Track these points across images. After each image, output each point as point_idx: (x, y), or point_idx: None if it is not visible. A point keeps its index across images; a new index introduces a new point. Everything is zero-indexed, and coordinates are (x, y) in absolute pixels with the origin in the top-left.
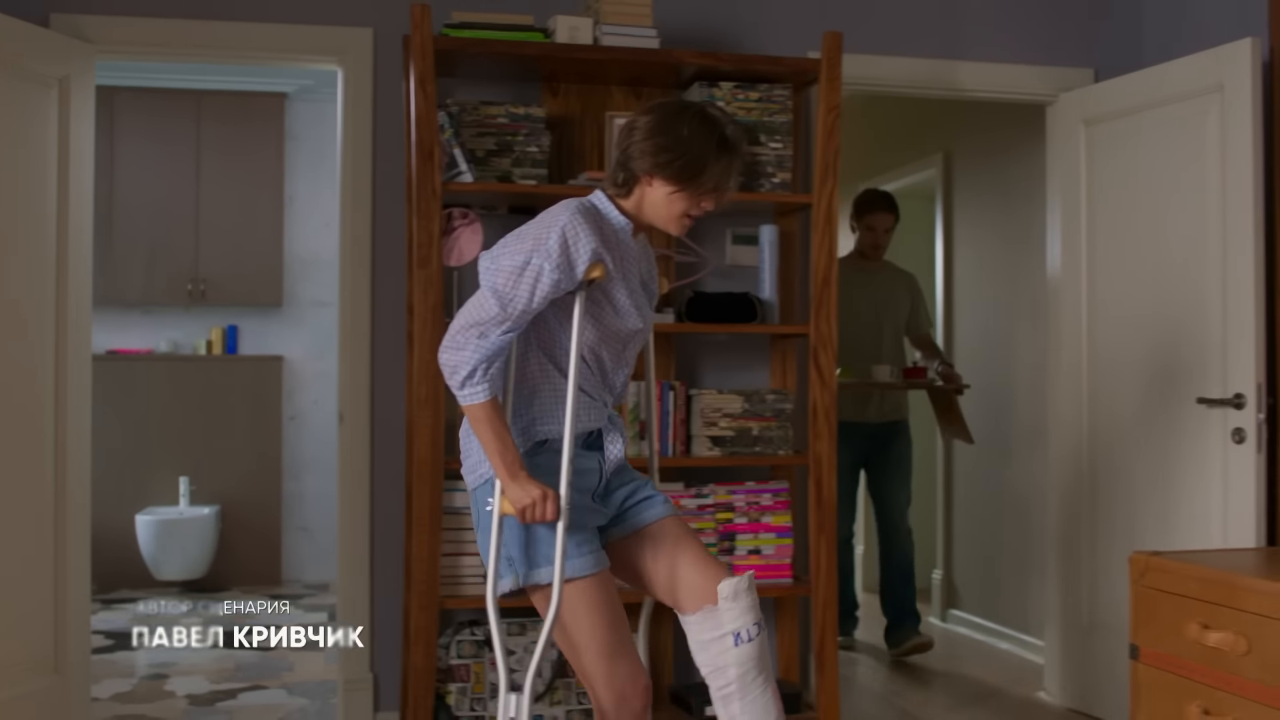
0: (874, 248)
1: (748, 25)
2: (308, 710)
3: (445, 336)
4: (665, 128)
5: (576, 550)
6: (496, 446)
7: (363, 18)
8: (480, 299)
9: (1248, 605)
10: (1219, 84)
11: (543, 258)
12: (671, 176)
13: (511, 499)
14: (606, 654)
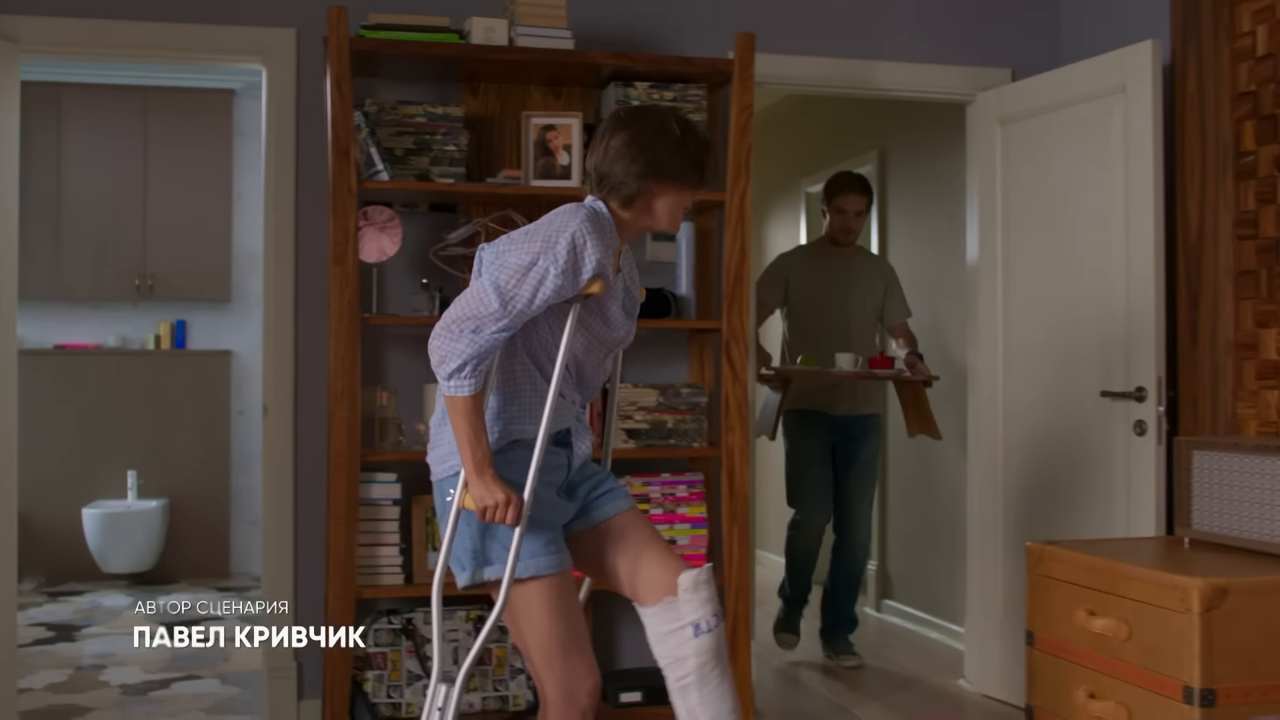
0: (844, 231)
1: (667, 26)
2: (238, 699)
3: (439, 324)
4: (661, 135)
5: (544, 549)
6: (470, 441)
7: (286, 18)
8: (480, 292)
9: (1129, 593)
10: (1122, 85)
11: (549, 261)
12: (679, 178)
13: (475, 496)
14: (560, 652)
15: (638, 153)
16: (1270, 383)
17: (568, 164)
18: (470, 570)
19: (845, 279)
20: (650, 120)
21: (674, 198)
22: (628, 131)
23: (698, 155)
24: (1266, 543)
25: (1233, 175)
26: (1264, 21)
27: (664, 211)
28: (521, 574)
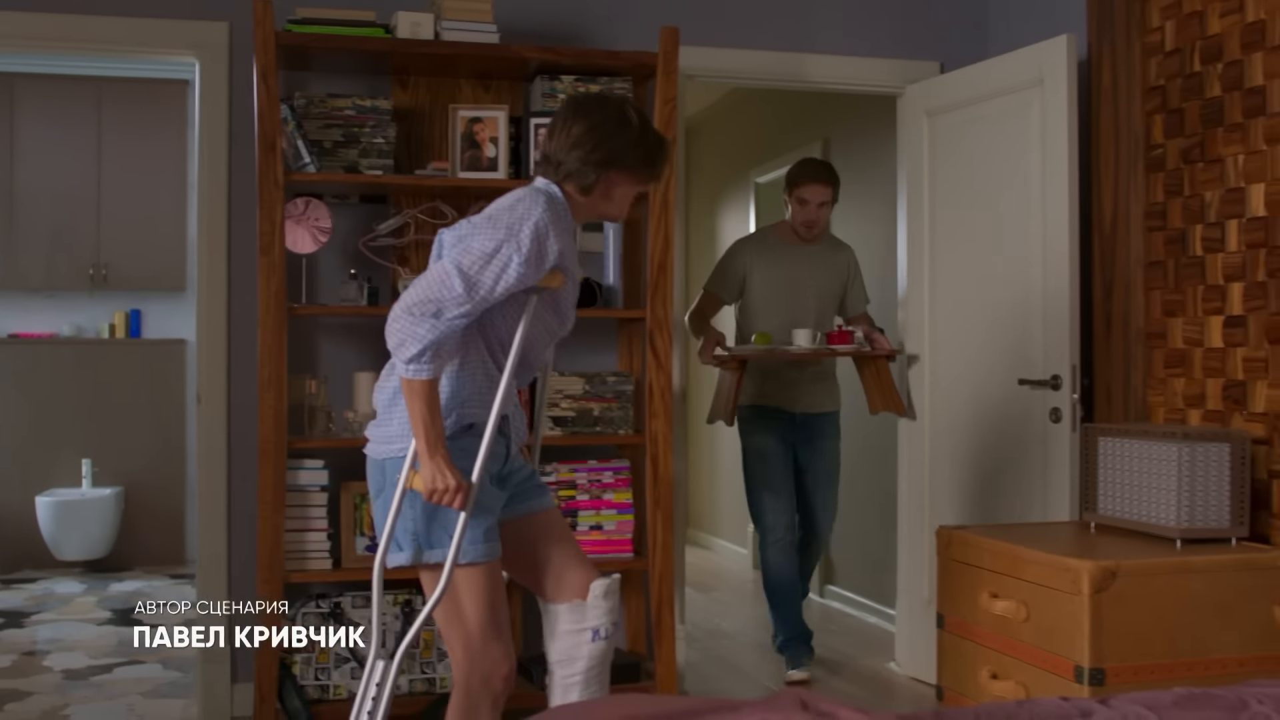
0: (807, 225)
1: (595, 19)
2: (176, 683)
3: (399, 304)
4: (622, 126)
5: (483, 537)
6: (425, 422)
7: (219, 12)
8: (443, 275)
9: (1027, 576)
10: (1039, 78)
11: (513, 249)
12: (636, 169)
13: (426, 478)
14: (480, 637)
15: (599, 142)
16: (1177, 370)
17: (494, 156)
18: (410, 551)
19: (807, 273)
20: (612, 110)
21: (630, 188)
22: (589, 120)
23: (656, 148)
24: (1160, 526)
25: (1143, 168)
26: (1172, 17)
27: (621, 200)
28: (462, 560)
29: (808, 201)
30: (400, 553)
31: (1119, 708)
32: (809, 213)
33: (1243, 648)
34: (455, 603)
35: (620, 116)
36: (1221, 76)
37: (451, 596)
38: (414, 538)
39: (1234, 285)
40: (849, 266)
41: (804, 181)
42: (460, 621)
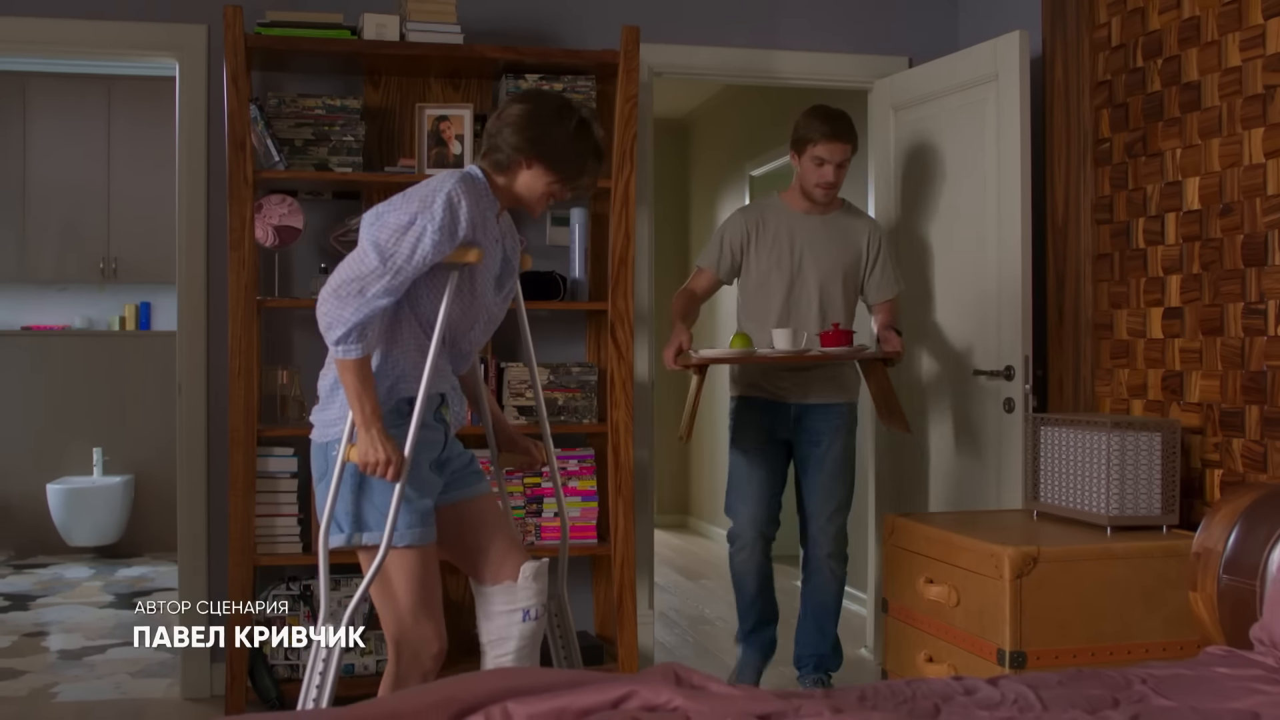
0: (824, 187)
1: (561, 18)
2: (165, 664)
3: (325, 288)
4: (550, 121)
5: (419, 521)
6: (358, 393)
7: (198, 15)
8: (361, 253)
9: (959, 561)
10: (995, 74)
11: (427, 219)
12: (551, 167)
13: (360, 450)
14: (411, 617)
15: (526, 126)
16: (1122, 361)
17: (460, 153)
18: (348, 533)
19: (818, 245)
20: (552, 103)
21: (545, 183)
22: (527, 105)
23: (586, 154)
24: (1092, 514)
25: (1092, 161)
26: (1118, 13)
27: (532, 192)
28: (397, 543)
29: (825, 161)
30: (339, 534)
31: (1005, 686)
32: (826, 174)
33: (1166, 633)
34: (388, 583)
35: (560, 112)
36: (1161, 71)
37: (384, 577)
38: (352, 520)
39: (1172, 277)
40: (871, 241)
41: (819, 138)
42: (392, 601)
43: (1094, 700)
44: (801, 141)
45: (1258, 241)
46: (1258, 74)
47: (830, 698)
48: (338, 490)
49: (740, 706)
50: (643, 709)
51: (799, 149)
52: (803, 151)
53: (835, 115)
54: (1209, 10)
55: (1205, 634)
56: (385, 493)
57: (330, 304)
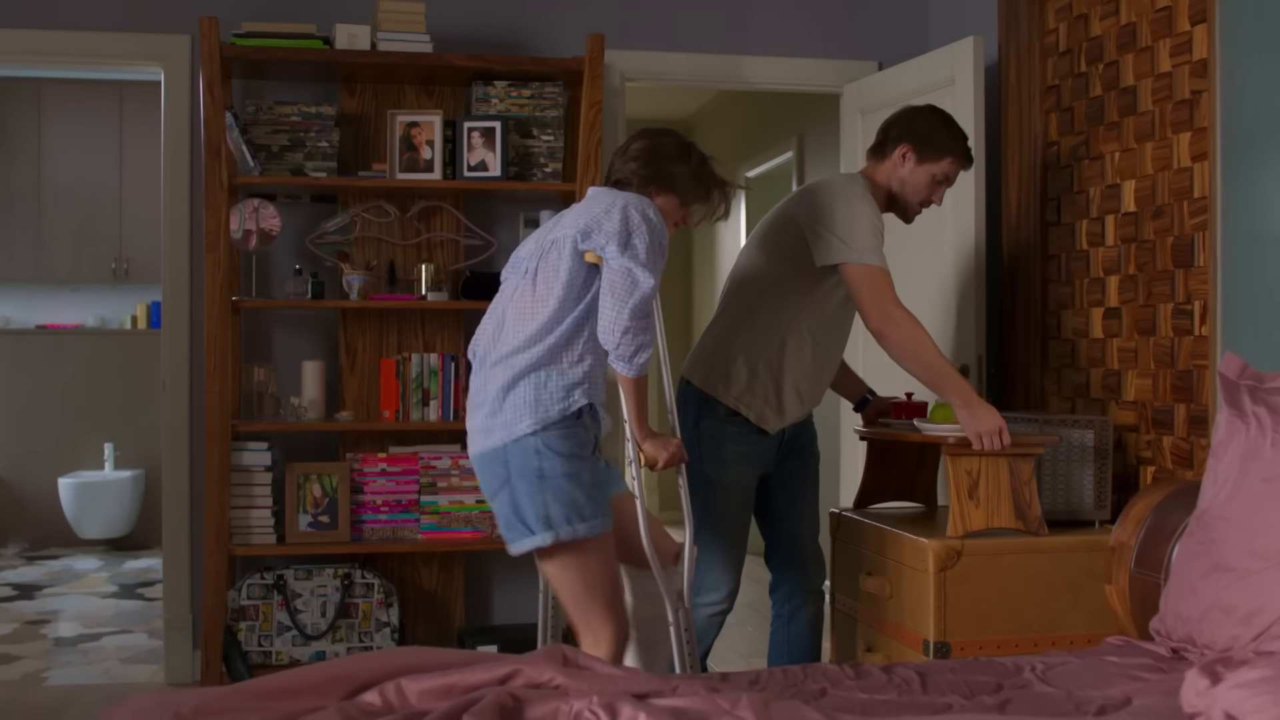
0: (925, 208)
1: (533, 26)
2: (155, 651)
3: (623, 319)
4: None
5: (605, 510)
6: (640, 409)
7: (181, 26)
8: (630, 279)
9: (892, 555)
10: (951, 78)
11: (662, 235)
12: (683, 194)
13: (652, 451)
14: (619, 596)
15: (652, 159)
16: (1067, 360)
17: (430, 158)
18: (544, 534)
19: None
20: (672, 138)
21: (671, 212)
22: (650, 141)
23: (708, 183)
24: None
25: (1041, 164)
26: (1064, 19)
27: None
28: (604, 529)
29: (948, 182)
30: (532, 536)
31: (896, 672)
32: (939, 196)
33: (1090, 625)
34: (598, 569)
35: (681, 147)
36: (1102, 76)
37: (594, 563)
38: (545, 521)
39: (1111, 278)
40: None
41: (956, 156)
42: (597, 587)
43: (976, 685)
44: (930, 148)
45: (1185, 244)
46: (1185, 79)
47: (720, 681)
48: (545, 495)
49: (620, 686)
50: (526, 686)
51: (922, 154)
52: (926, 159)
53: (964, 134)
54: (1143, 17)
55: (1120, 626)
56: (581, 490)
57: (636, 333)
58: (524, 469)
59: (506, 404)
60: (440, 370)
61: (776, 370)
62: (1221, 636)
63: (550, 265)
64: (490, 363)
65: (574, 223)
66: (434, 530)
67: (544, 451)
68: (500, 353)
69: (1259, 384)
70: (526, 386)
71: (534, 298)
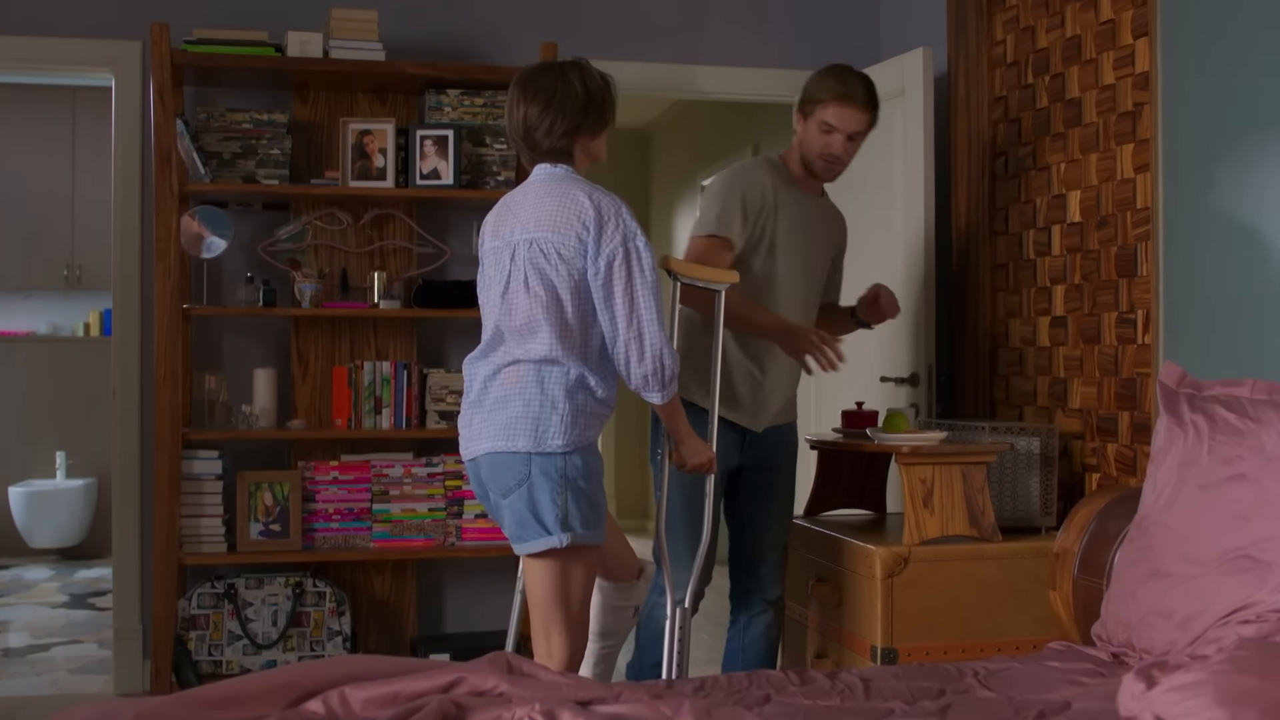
0: (828, 162)
1: (486, 33)
2: (105, 661)
3: (648, 343)
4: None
5: (603, 523)
6: (682, 414)
7: (132, 32)
8: (644, 296)
9: (841, 562)
10: (901, 89)
11: (642, 240)
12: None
13: (691, 452)
14: (585, 614)
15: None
16: (1015, 369)
17: (383, 166)
18: (559, 535)
19: (814, 230)
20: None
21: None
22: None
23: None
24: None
25: (990, 174)
26: (1011, 31)
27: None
28: (602, 541)
29: (834, 129)
30: (548, 537)
31: (841, 678)
32: (834, 144)
33: (1036, 631)
34: (584, 578)
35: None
36: (1048, 88)
37: (568, 576)
38: (563, 522)
39: (1057, 287)
40: (844, 236)
41: (830, 99)
42: (577, 595)
43: (919, 691)
44: (809, 102)
45: (1128, 253)
46: (1128, 92)
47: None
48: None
49: (564, 693)
50: (470, 693)
51: (805, 110)
52: (810, 114)
53: (854, 76)
54: (1088, 30)
55: (1064, 632)
56: (587, 495)
57: (671, 357)
58: (547, 467)
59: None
60: (393, 378)
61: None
62: (1160, 641)
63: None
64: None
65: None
66: (386, 539)
67: (571, 454)
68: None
69: (1197, 392)
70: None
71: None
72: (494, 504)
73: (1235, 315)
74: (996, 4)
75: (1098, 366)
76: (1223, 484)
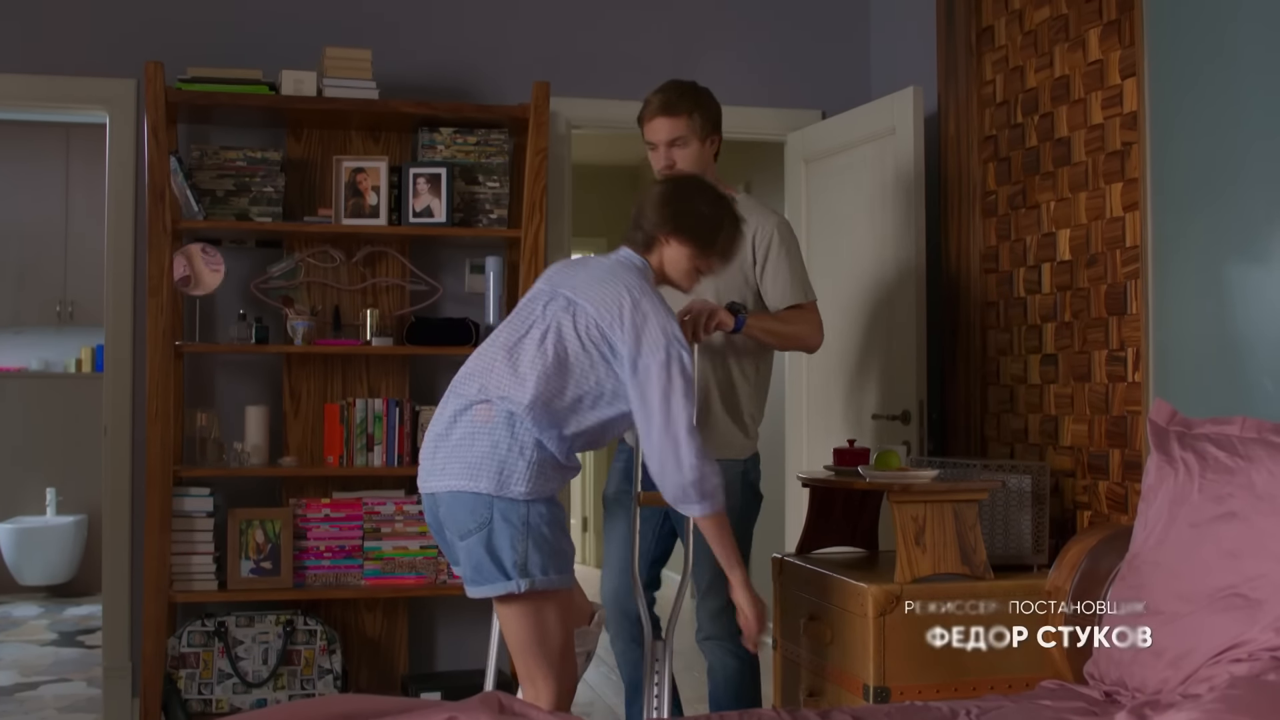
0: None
1: (479, 73)
2: (94, 700)
3: (683, 451)
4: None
5: (569, 567)
6: (733, 544)
7: (127, 70)
8: (677, 397)
9: (833, 600)
10: (892, 127)
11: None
12: (693, 239)
13: (747, 601)
14: (568, 653)
15: (663, 205)
16: (1006, 406)
17: (376, 203)
18: (517, 581)
19: None
20: (688, 183)
21: (687, 257)
22: (664, 188)
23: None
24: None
25: (980, 212)
26: (1001, 70)
27: (676, 267)
28: (570, 585)
29: (656, 145)
30: (506, 581)
31: (833, 717)
32: (658, 159)
33: (1028, 669)
34: (543, 626)
35: (697, 188)
36: (1037, 127)
37: (541, 619)
38: (522, 568)
39: (1048, 325)
40: (760, 239)
41: (644, 116)
42: (556, 638)
43: None
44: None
45: (1118, 291)
46: (1116, 131)
47: None
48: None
49: None
50: None
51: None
52: (644, 138)
53: (667, 86)
54: (1076, 70)
55: (1056, 670)
56: (550, 543)
57: (704, 461)
58: (509, 513)
59: (497, 453)
60: (385, 416)
61: None
62: (1152, 679)
63: (560, 335)
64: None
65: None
66: (378, 576)
67: (534, 502)
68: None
69: (1188, 430)
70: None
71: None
72: (449, 542)
73: (1224, 353)
74: (986, 44)
75: (1088, 404)
76: (1213, 522)
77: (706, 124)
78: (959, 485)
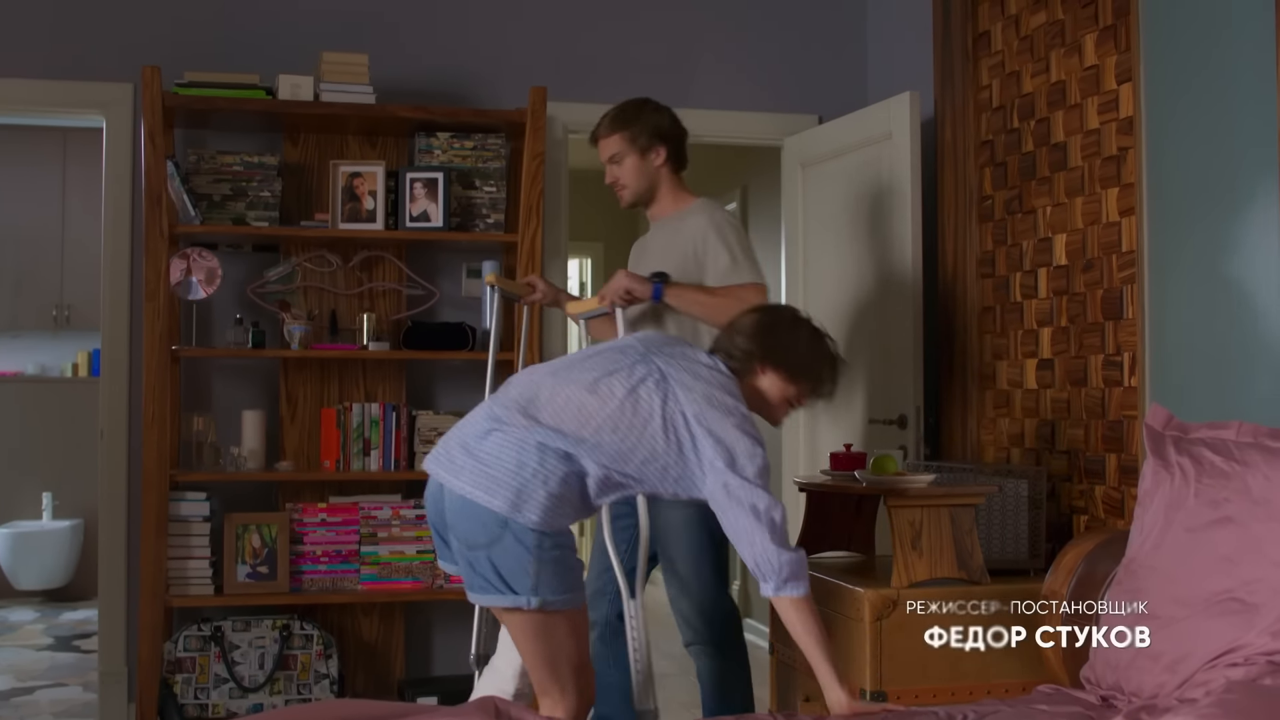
0: (614, 189)
1: (477, 77)
2: (90, 704)
3: (763, 535)
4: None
5: (580, 584)
6: (822, 639)
7: (124, 74)
8: (748, 487)
9: (829, 604)
10: (888, 132)
11: (750, 424)
12: (793, 372)
13: (835, 702)
14: (584, 668)
15: (761, 334)
16: (1003, 411)
17: (372, 208)
18: (530, 597)
19: (654, 257)
20: (787, 314)
21: (783, 389)
22: (762, 317)
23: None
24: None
25: (977, 217)
26: (997, 75)
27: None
28: (580, 604)
29: (605, 163)
30: (514, 596)
31: None
32: (609, 175)
33: (1024, 673)
34: (554, 640)
35: (794, 322)
36: (1034, 132)
37: (550, 636)
38: (533, 588)
39: (1044, 330)
40: (699, 233)
41: (593, 140)
42: (568, 651)
43: None
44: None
45: (1114, 296)
46: (1113, 136)
47: None
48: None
49: None
50: None
51: None
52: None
53: (615, 108)
54: (1072, 75)
55: (1052, 674)
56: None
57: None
58: (524, 536)
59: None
60: (381, 420)
61: None
62: (1148, 684)
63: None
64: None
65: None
66: (374, 581)
67: (547, 534)
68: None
69: (1184, 434)
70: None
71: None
72: (447, 539)
73: (1220, 357)
74: (982, 49)
75: (1085, 409)
76: (1209, 526)
77: (643, 136)
78: (955, 490)
